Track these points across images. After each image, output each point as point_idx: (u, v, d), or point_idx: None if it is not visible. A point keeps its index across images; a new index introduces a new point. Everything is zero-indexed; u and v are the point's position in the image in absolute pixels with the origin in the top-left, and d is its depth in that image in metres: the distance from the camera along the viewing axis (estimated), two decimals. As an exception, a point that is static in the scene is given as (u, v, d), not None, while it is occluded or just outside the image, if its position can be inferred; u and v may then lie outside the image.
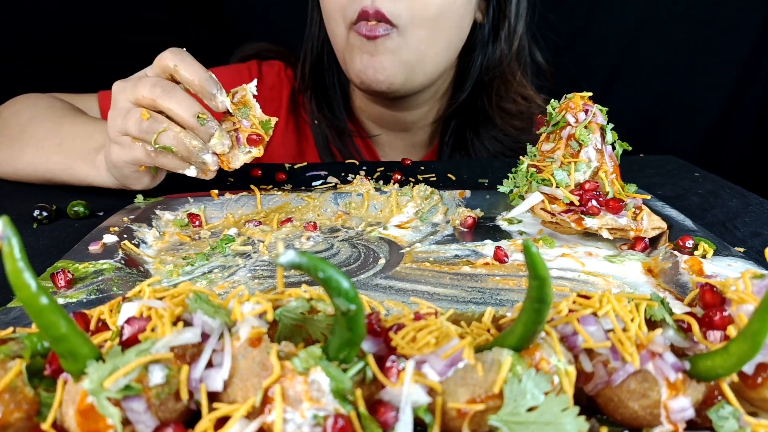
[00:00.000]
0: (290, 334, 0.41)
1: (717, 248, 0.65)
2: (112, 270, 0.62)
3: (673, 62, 1.85)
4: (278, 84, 1.27)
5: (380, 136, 1.29)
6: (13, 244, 0.31)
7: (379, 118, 1.26)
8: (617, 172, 0.75)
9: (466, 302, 0.59)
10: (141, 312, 0.39)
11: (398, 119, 1.24)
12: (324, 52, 1.20)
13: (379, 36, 1.00)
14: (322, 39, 1.18)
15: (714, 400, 0.38)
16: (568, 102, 0.77)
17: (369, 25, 0.99)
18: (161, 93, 0.72)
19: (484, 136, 1.24)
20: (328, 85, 1.23)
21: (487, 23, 1.17)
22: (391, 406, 0.35)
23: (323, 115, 1.22)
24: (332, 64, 1.21)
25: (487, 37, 1.17)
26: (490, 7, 1.16)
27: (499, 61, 1.18)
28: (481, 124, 1.24)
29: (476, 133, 1.24)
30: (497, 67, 1.19)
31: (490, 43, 1.18)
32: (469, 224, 0.79)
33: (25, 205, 0.84)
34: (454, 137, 1.26)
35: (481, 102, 1.22)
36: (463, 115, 1.25)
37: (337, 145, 1.23)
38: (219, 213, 0.83)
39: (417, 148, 1.31)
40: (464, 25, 1.10)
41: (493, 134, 1.24)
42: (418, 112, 1.24)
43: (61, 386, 0.36)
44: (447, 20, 1.04)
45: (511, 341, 0.37)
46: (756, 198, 0.90)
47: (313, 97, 1.23)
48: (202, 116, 0.73)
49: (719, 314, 0.41)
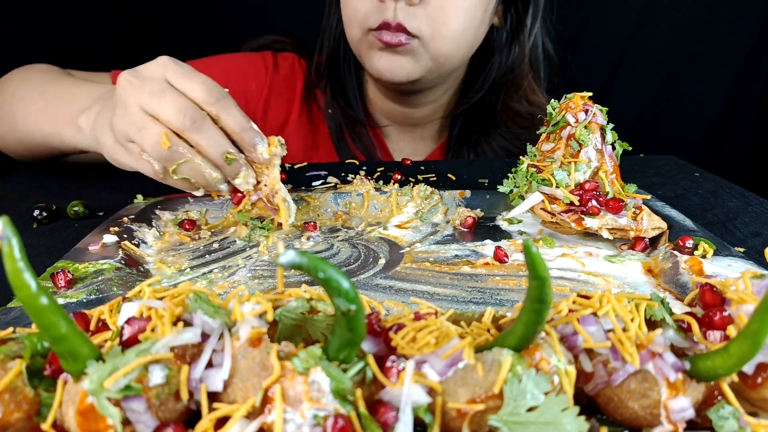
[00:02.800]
0: (290, 334, 0.41)
1: (717, 248, 0.65)
2: (112, 270, 0.62)
3: (673, 62, 1.85)
4: (292, 76, 1.27)
5: (390, 128, 1.30)
6: (12, 244, 0.31)
7: (389, 113, 1.27)
8: (617, 172, 0.75)
9: (466, 302, 0.59)
10: (141, 312, 0.39)
11: (408, 115, 1.26)
12: (341, 43, 1.21)
13: (402, 44, 1.01)
14: (340, 30, 1.19)
15: (714, 400, 0.38)
16: (568, 102, 0.77)
17: (393, 35, 1.00)
18: (191, 127, 0.65)
19: (492, 133, 1.25)
20: (344, 75, 1.23)
21: (505, 28, 1.18)
22: (391, 406, 0.35)
23: (338, 105, 1.23)
24: (348, 55, 1.21)
25: (504, 41, 1.19)
26: (509, 14, 1.17)
27: (518, 63, 1.20)
28: (489, 122, 1.25)
29: (484, 131, 1.25)
30: (512, 71, 1.21)
31: (506, 47, 1.20)
32: (469, 224, 0.79)
33: (25, 205, 0.84)
34: (461, 133, 1.28)
35: (492, 101, 1.23)
36: (472, 112, 1.26)
37: (350, 134, 1.24)
38: (219, 213, 0.83)
39: (426, 141, 1.33)
40: (482, 33, 1.13)
41: (500, 132, 1.25)
42: (428, 108, 1.25)
43: (61, 386, 0.36)
44: (467, 34, 1.07)
45: (511, 341, 0.37)
46: (756, 198, 0.90)
47: (329, 87, 1.23)
48: (230, 157, 0.67)
49: (719, 314, 0.41)
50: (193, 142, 0.67)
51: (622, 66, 1.86)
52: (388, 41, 1.01)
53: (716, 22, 1.80)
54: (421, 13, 1.00)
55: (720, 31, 1.81)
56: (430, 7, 1.00)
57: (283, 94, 1.25)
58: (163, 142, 0.65)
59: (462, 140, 1.28)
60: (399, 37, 1.00)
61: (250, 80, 1.23)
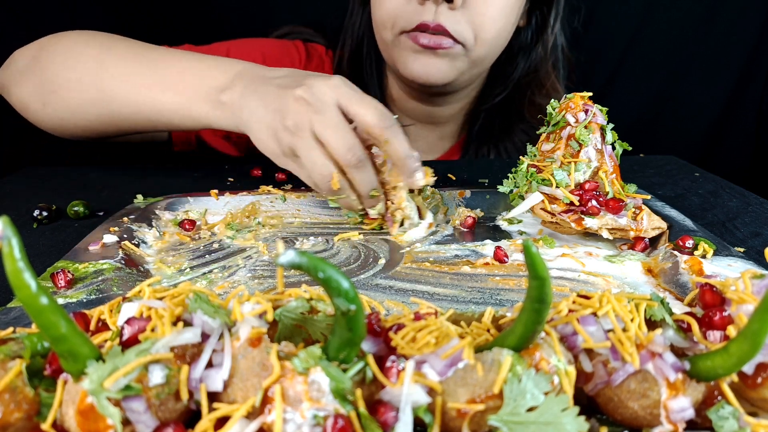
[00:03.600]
0: (290, 334, 0.41)
1: (717, 248, 0.65)
2: (112, 270, 0.62)
3: (673, 62, 1.85)
4: (320, 67, 1.26)
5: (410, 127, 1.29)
6: (13, 244, 0.31)
7: (412, 111, 1.26)
8: (617, 172, 0.75)
9: (466, 302, 0.59)
10: (141, 312, 0.39)
11: (431, 113, 1.25)
12: (363, 41, 1.20)
13: (444, 47, 1.00)
14: (363, 28, 1.18)
15: (714, 400, 0.38)
16: (568, 102, 0.77)
17: (432, 37, 0.99)
18: (354, 166, 0.71)
19: (514, 130, 1.25)
20: (366, 73, 1.22)
21: (530, 28, 1.19)
22: (391, 406, 0.35)
23: None
24: (371, 54, 1.20)
25: (529, 41, 1.19)
26: (533, 14, 1.18)
27: (542, 63, 1.21)
28: (513, 119, 1.25)
29: (507, 128, 1.25)
30: (537, 70, 1.21)
31: (531, 47, 1.20)
32: (469, 224, 0.79)
33: (25, 205, 0.84)
34: (482, 130, 1.27)
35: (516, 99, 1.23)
36: (494, 110, 1.26)
37: None
38: (219, 213, 0.83)
39: (444, 140, 1.33)
40: (510, 34, 1.12)
41: (522, 127, 1.25)
42: (453, 107, 1.25)
43: (61, 386, 0.36)
44: (502, 36, 1.07)
45: (511, 341, 0.37)
46: (756, 198, 0.90)
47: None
48: (375, 194, 0.74)
49: (719, 314, 0.41)
50: (350, 177, 0.72)
51: (622, 66, 1.86)
52: (425, 44, 0.99)
53: (717, 22, 1.80)
54: (462, 17, 0.99)
55: (720, 32, 1.81)
56: (472, 12, 0.99)
57: None
58: (333, 183, 0.71)
59: (482, 138, 1.27)
60: (441, 40, 0.99)
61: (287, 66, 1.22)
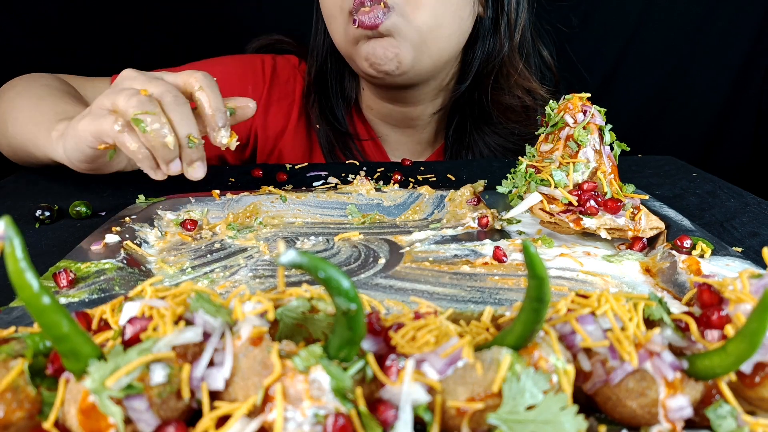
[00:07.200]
0: (291, 333, 0.41)
1: (715, 248, 0.65)
2: (114, 270, 0.62)
3: (672, 62, 1.86)
4: (292, 79, 1.28)
5: (388, 135, 1.30)
6: (14, 244, 0.32)
7: (387, 116, 1.27)
8: (615, 172, 0.75)
9: (466, 301, 0.59)
10: (143, 311, 0.39)
11: (404, 114, 1.26)
12: (328, 59, 1.22)
13: (380, 23, 1.00)
14: (327, 47, 1.21)
15: (712, 399, 0.38)
16: (566, 103, 0.77)
17: (368, 13, 1.00)
18: (171, 101, 0.72)
19: (485, 130, 1.25)
20: (331, 90, 1.24)
21: (487, 17, 1.18)
22: (391, 405, 0.35)
23: (325, 119, 1.24)
24: (335, 70, 1.23)
25: (487, 30, 1.18)
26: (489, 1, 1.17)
27: (497, 53, 1.19)
28: (480, 119, 1.24)
29: (476, 128, 1.25)
30: (496, 59, 1.20)
31: (489, 35, 1.19)
32: (484, 223, 0.78)
33: (27, 205, 0.84)
34: (456, 133, 1.27)
35: (479, 96, 1.23)
36: (465, 112, 1.26)
37: (341, 149, 1.25)
38: (220, 213, 0.83)
39: (423, 145, 1.33)
40: (464, 15, 1.11)
41: (493, 129, 1.24)
42: (424, 106, 1.25)
43: (63, 385, 0.36)
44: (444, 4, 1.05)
45: (510, 340, 0.38)
46: (754, 198, 0.91)
47: (316, 103, 1.24)
48: (193, 139, 0.73)
49: (717, 314, 0.41)
50: (168, 116, 0.72)
51: (620, 66, 1.87)
52: (368, 23, 1.00)
53: (715, 22, 1.80)
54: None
55: (719, 32, 1.81)
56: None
57: (283, 98, 1.26)
58: (142, 90, 0.71)
59: (458, 143, 1.27)
60: (377, 12, 1.00)
61: (248, 86, 1.24)
